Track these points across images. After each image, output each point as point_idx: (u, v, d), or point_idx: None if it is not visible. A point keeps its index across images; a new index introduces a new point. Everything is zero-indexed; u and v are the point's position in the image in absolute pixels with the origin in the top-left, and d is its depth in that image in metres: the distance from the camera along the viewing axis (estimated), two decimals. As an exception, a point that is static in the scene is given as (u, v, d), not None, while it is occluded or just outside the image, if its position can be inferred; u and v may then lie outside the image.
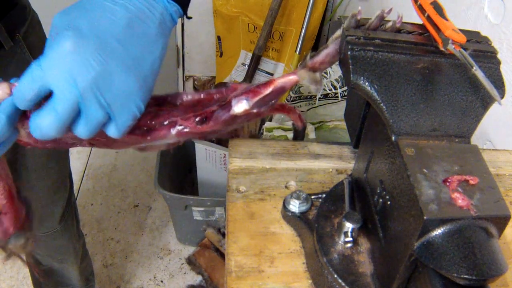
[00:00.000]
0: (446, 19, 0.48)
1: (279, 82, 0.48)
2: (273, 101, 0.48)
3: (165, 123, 0.48)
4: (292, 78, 0.49)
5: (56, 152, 1.00)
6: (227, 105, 0.48)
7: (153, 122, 0.47)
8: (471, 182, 0.44)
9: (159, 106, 0.49)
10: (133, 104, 0.44)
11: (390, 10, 0.49)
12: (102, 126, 0.43)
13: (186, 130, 0.48)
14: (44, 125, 0.41)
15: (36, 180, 0.97)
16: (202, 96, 0.50)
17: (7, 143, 0.44)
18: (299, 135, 1.02)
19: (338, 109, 1.65)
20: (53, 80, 0.40)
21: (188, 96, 0.50)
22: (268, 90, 0.48)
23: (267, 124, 1.61)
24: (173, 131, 0.48)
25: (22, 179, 0.94)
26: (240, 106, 0.47)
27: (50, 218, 1.08)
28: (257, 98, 0.47)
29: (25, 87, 0.40)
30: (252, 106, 0.47)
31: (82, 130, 0.43)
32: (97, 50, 0.41)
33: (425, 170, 0.45)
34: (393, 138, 0.48)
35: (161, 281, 1.72)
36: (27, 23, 0.83)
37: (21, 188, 0.52)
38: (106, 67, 0.41)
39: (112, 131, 0.44)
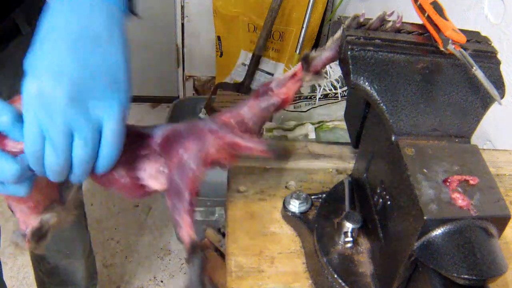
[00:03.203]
0: (446, 19, 0.48)
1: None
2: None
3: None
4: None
5: None
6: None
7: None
8: (471, 182, 0.44)
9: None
10: (114, 101, 0.45)
11: (392, 12, 0.49)
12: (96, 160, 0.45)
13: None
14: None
15: None
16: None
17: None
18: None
19: (338, 109, 1.64)
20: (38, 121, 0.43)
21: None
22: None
23: (267, 124, 1.61)
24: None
25: None
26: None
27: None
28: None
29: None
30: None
31: (79, 151, 0.44)
32: (54, 78, 0.42)
33: (425, 170, 0.45)
34: (393, 138, 0.48)
35: (161, 281, 1.72)
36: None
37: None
38: (74, 87, 0.42)
39: (109, 134, 0.45)
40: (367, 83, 0.47)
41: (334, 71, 1.61)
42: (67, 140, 0.43)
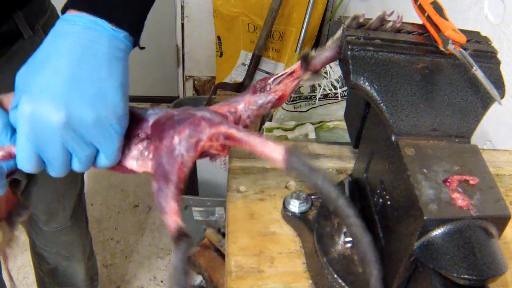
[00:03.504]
0: (446, 19, 0.48)
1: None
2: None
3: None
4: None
5: None
6: None
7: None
8: (471, 182, 0.44)
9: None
10: (112, 130, 0.45)
11: (392, 12, 0.49)
12: (95, 159, 0.47)
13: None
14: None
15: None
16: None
17: None
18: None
19: (338, 109, 1.64)
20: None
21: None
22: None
23: (267, 124, 1.61)
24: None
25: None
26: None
27: (61, 213, 1.10)
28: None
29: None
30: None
31: (77, 167, 0.46)
32: (54, 104, 0.42)
33: (425, 170, 0.45)
34: (393, 138, 0.48)
35: (161, 281, 1.72)
36: (47, 15, 0.86)
37: (37, 182, 0.54)
38: (71, 114, 0.42)
39: (104, 161, 0.47)
40: (367, 83, 0.47)
41: (334, 71, 1.61)
42: (63, 158, 0.44)
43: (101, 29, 0.46)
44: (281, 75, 0.51)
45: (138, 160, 0.48)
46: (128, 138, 0.48)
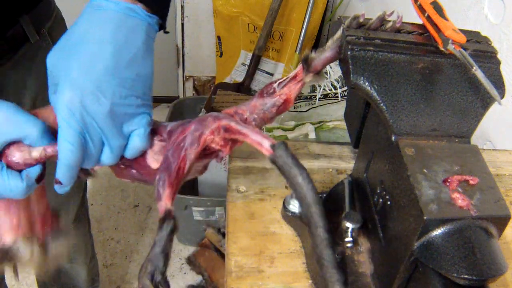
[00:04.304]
0: (446, 19, 0.48)
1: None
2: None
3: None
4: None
5: None
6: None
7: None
8: (471, 182, 0.44)
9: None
10: (144, 119, 0.47)
11: (392, 12, 0.49)
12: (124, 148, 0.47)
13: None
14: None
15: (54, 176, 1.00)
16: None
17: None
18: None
19: (338, 109, 1.64)
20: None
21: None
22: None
23: (267, 124, 1.61)
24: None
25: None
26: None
27: (65, 217, 1.10)
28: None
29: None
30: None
31: (108, 158, 0.46)
32: (96, 93, 0.42)
33: (425, 170, 0.45)
34: (393, 138, 0.48)
35: (161, 281, 1.72)
36: (52, 19, 0.86)
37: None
38: (114, 102, 0.43)
39: (134, 147, 0.47)
40: (367, 83, 0.47)
41: (334, 71, 1.61)
42: (99, 149, 0.44)
43: (139, 17, 0.46)
44: (285, 79, 0.51)
45: (155, 155, 0.49)
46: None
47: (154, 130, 0.50)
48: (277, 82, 0.51)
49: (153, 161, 0.49)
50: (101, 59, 0.43)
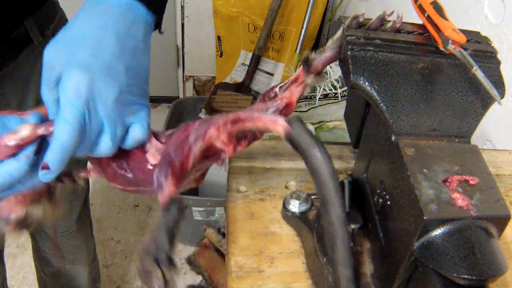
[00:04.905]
0: (446, 19, 0.48)
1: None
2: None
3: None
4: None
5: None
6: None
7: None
8: (471, 182, 0.44)
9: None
10: (145, 107, 0.47)
11: (392, 12, 0.49)
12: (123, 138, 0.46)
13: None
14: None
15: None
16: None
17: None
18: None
19: (338, 109, 1.64)
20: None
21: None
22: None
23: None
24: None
25: None
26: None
27: (68, 218, 1.10)
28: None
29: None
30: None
31: (106, 147, 0.45)
32: (106, 77, 0.42)
33: (425, 170, 0.45)
34: (393, 138, 0.48)
35: (161, 281, 1.71)
36: (56, 20, 0.86)
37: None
38: (121, 88, 0.43)
39: (134, 137, 0.47)
40: (367, 83, 0.47)
41: (334, 71, 1.62)
42: (96, 136, 0.44)
43: (140, 13, 0.47)
44: (286, 83, 0.51)
45: (155, 152, 0.49)
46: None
47: (153, 134, 0.50)
48: (279, 86, 0.51)
49: (153, 157, 0.49)
50: (107, 45, 0.43)
